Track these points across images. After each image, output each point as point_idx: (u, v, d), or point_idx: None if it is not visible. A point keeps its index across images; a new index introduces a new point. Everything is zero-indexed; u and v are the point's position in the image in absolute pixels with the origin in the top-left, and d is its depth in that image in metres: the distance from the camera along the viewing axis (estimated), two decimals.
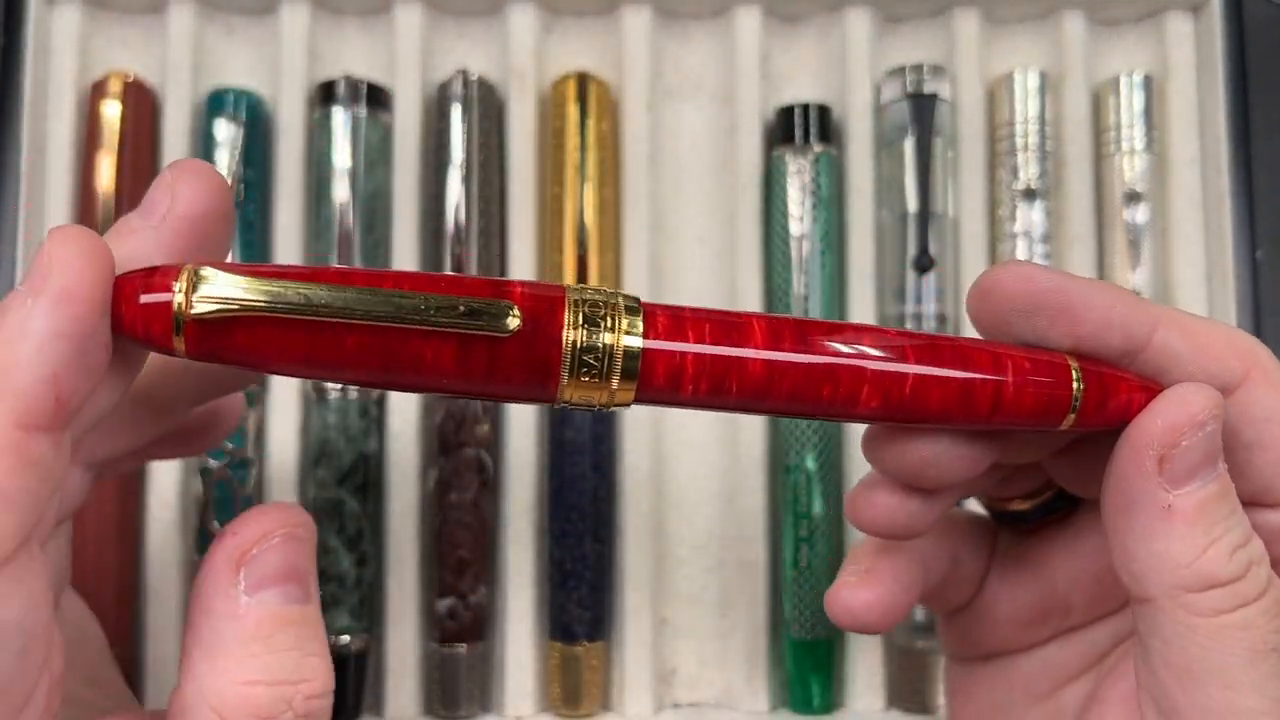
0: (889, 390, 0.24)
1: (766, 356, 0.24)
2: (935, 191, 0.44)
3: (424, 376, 0.23)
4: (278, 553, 0.23)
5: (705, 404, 0.24)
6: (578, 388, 0.23)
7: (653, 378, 0.23)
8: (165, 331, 0.21)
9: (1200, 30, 0.46)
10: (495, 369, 0.23)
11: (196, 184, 0.23)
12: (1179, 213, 0.45)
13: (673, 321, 0.24)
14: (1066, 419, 0.25)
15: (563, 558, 0.43)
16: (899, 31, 0.47)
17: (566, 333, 0.23)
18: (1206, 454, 0.24)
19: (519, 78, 0.45)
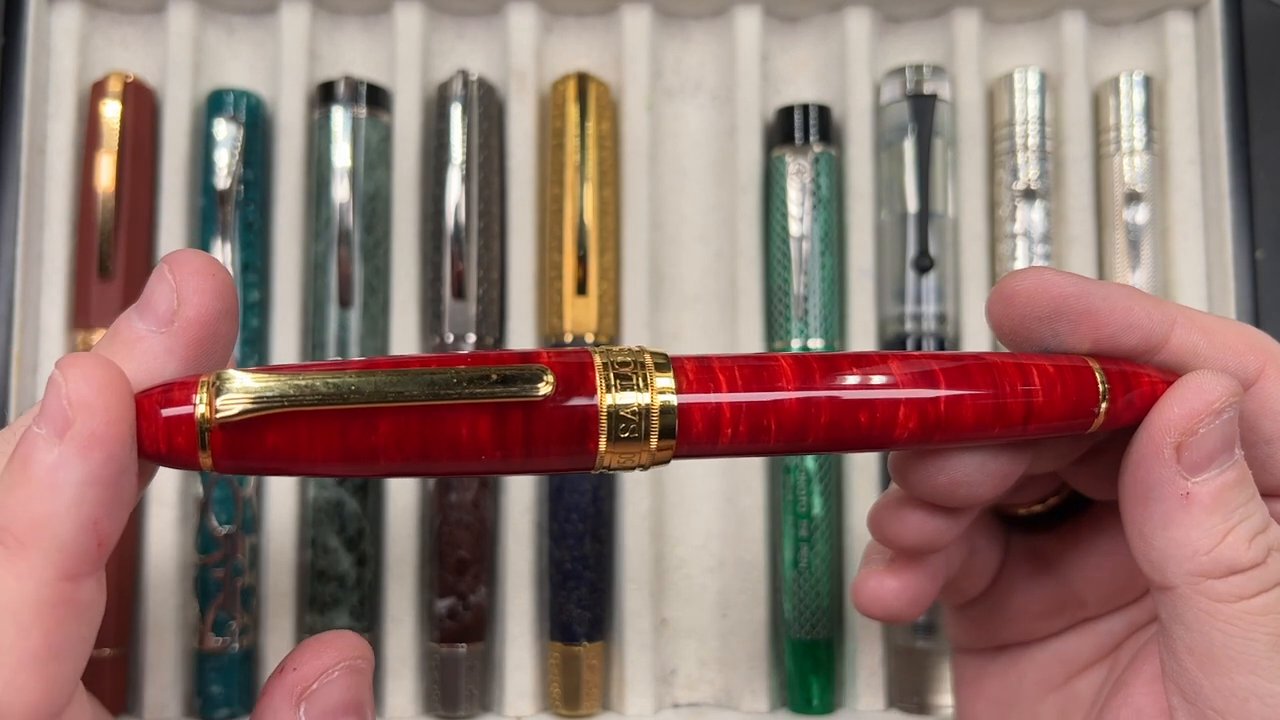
0: (925, 410, 0.24)
1: (800, 396, 0.23)
2: (935, 192, 0.44)
3: (463, 455, 0.22)
4: (338, 687, 0.23)
5: (746, 450, 0.24)
6: (617, 451, 0.23)
7: (691, 431, 0.23)
8: (191, 450, 0.21)
9: (1200, 30, 0.46)
10: (533, 438, 0.22)
11: (204, 286, 0.22)
12: (1179, 213, 0.45)
13: (703, 372, 0.23)
14: (1096, 420, 0.25)
15: (562, 558, 0.43)
16: (899, 32, 0.47)
17: (601, 396, 0.22)
18: (1224, 440, 0.24)
19: (519, 78, 0.45)
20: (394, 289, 0.43)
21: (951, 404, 0.24)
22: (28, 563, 0.19)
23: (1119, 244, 0.45)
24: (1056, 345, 0.26)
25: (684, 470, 0.45)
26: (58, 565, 0.19)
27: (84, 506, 0.19)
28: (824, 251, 0.44)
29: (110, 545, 0.20)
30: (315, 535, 0.42)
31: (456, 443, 0.22)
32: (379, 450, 0.21)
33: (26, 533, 0.19)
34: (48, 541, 0.19)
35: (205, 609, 0.42)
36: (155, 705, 0.41)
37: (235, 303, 0.23)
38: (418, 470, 0.22)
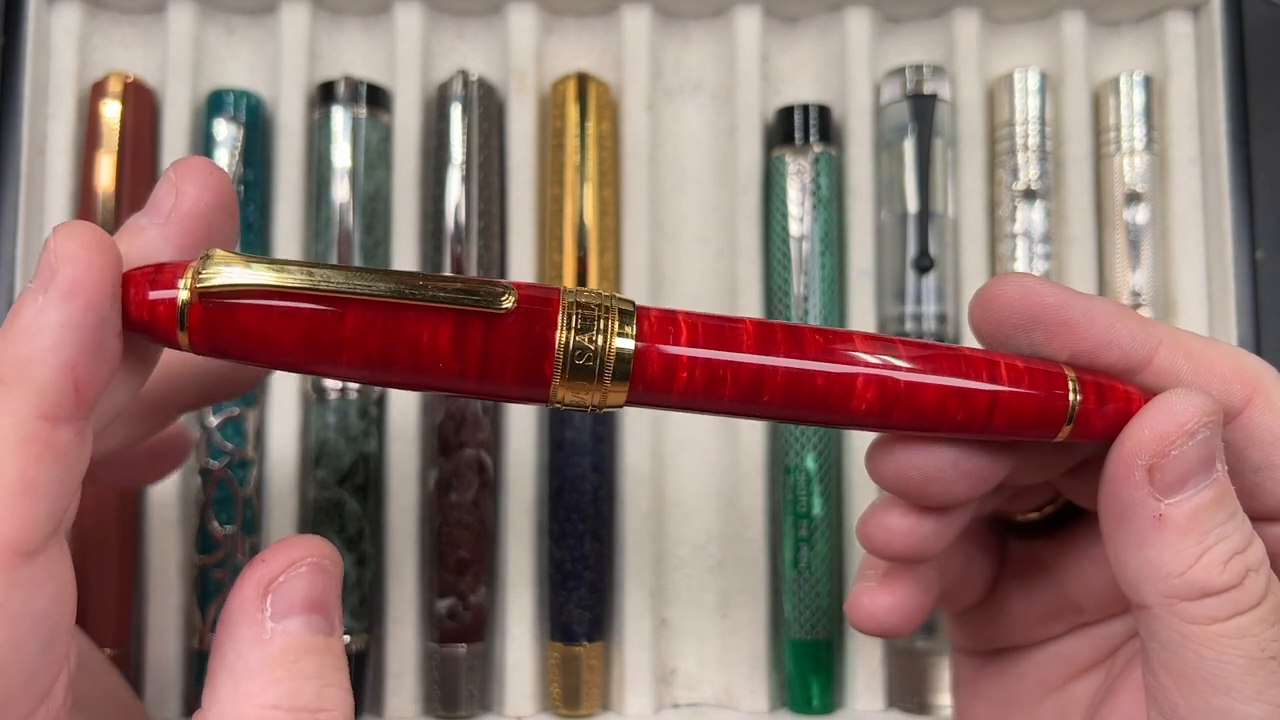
0: (884, 384, 0.24)
1: (759, 361, 0.24)
2: (935, 192, 0.44)
3: (422, 362, 0.23)
4: (305, 581, 0.24)
5: (699, 406, 0.24)
6: (571, 388, 0.23)
7: (645, 375, 0.23)
8: (171, 324, 0.22)
9: (1200, 30, 0.46)
10: (490, 354, 0.23)
11: (200, 180, 0.24)
12: (1179, 213, 0.45)
13: (665, 323, 0.24)
14: (1062, 429, 0.25)
15: (563, 558, 0.43)
16: (899, 32, 0.47)
17: (559, 333, 0.23)
18: (1199, 462, 0.24)
19: (519, 78, 0.45)
20: None
21: (914, 383, 0.24)
22: (6, 400, 0.20)
23: (1119, 244, 0.45)
24: (1033, 354, 0.26)
25: (684, 470, 0.45)
26: (35, 405, 0.20)
27: (62, 350, 0.21)
28: (824, 252, 0.44)
29: (89, 398, 0.21)
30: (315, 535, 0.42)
31: (417, 346, 0.22)
32: (343, 343, 0.22)
33: (7, 373, 0.21)
34: (27, 382, 0.20)
35: (205, 609, 0.42)
36: (155, 705, 0.41)
37: (233, 201, 0.25)
38: (377, 372, 0.23)
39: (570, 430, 0.43)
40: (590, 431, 0.43)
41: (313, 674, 0.23)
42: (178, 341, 0.22)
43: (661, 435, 0.45)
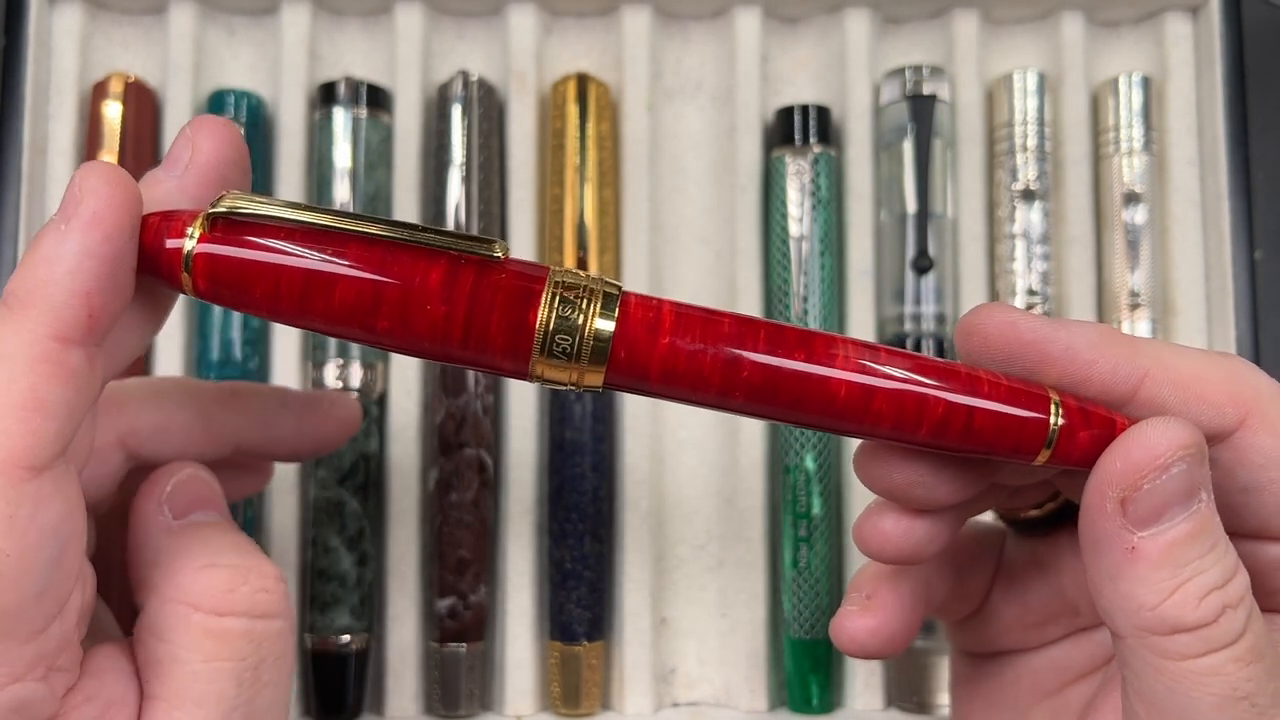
0: (863, 387, 0.24)
1: (737, 353, 0.24)
2: (934, 192, 0.44)
3: (411, 301, 0.23)
4: (189, 486, 0.26)
5: (676, 393, 0.24)
6: (549, 365, 0.24)
7: (621, 362, 0.24)
8: (177, 266, 0.23)
9: (1199, 31, 0.46)
10: (478, 301, 0.23)
11: (215, 135, 0.25)
12: (1178, 213, 0.45)
13: (646, 309, 0.24)
14: (1041, 453, 0.25)
15: (562, 557, 0.43)
16: (898, 33, 0.47)
17: (542, 309, 0.23)
18: (1175, 495, 0.23)
19: (519, 79, 0.45)
20: None
21: (892, 390, 0.24)
22: (23, 320, 0.22)
23: (1118, 244, 0.45)
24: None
25: (684, 470, 0.45)
26: (49, 325, 0.22)
27: (79, 276, 0.22)
28: (823, 252, 0.44)
29: (101, 325, 0.22)
30: (316, 535, 0.42)
31: (409, 285, 0.23)
32: (338, 280, 0.23)
33: (26, 295, 0.22)
34: (43, 303, 0.22)
35: None
36: None
37: (245, 156, 0.26)
38: (368, 313, 0.23)
39: (570, 430, 0.43)
40: (590, 431, 0.43)
41: (230, 546, 0.25)
42: (181, 283, 0.23)
43: (661, 435, 0.45)
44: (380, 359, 0.43)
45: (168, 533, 0.25)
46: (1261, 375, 0.26)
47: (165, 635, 0.23)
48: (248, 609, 0.24)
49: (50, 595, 0.22)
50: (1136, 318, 0.44)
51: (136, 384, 0.30)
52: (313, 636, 0.41)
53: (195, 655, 0.23)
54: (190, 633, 0.23)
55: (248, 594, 0.24)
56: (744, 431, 0.44)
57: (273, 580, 0.25)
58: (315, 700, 0.41)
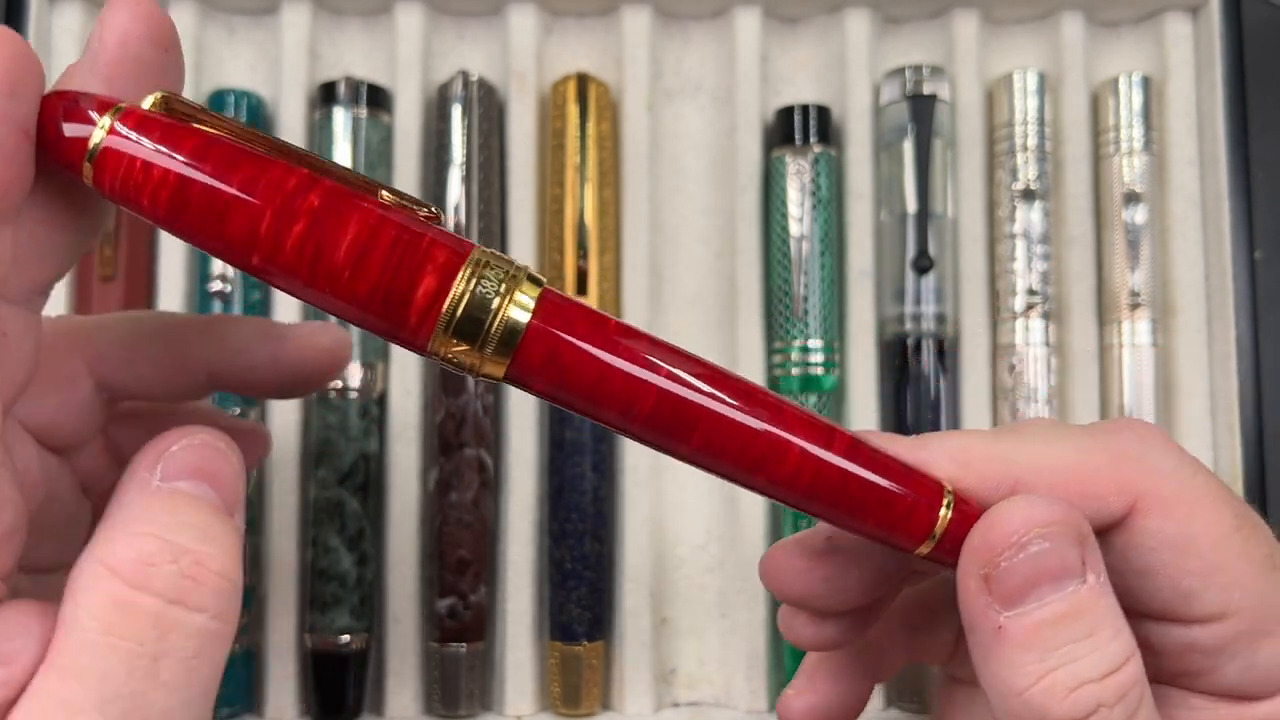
0: (739, 427, 0.23)
1: (634, 372, 0.22)
2: (934, 192, 0.44)
3: (325, 247, 0.21)
4: (195, 452, 0.23)
5: (569, 402, 0.23)
6: (449, 343, 0.22)
7: (525, 359, 0.22)
8: (81, 148, 0.22)
9: (1199, 31, 0.46)
10: (394, 261, 0.21)
11: (127, 10, 0.23)
12: (1177, 213, 0.45)
13: (567, 310, 0.22)
14: (924, 544, 0.23)
15: (563, 557, 0.43)
16: (898, 33, 0.47)
17: (457, 283, 0.22)
18: (1041, 573, 0.22)
19: (519, 79, 0.45)
20: None
21: (773, 436, 0.23)
22: None
23: (1118, 244, 0.45)
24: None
25: (684, 470, 0.45)
26: None
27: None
28: (823, 252, 0.44)
29: (8, 202, 0.21)
30: (316, 534, 0.42)
31: (327, 226, 0.21)
32: (241, 209, 0.21)
33: None
34: None
35: None
36: None
37: (169, 37, 0.24)
38: (280, 252, 0.21)
39: (570, 430, 0.43)
40: (590, 431, 0.43)
41: (193, 524, 0.21)
42: (81, 171, 0.22)
43: None
44: (380, 358, 0.43)
45: (142, 490, 0.22)
46: (1155, 449, 0.24)
47: (76, 594, 0.21)
48: (164, 590, 0.20)
49: None
50: (1137, 318, 0.44)
51: (107, 315, 0.29)
52: (313, 636, 0.41)
53: (94, 623, 0.20)
54: (97, 596, 0.20)
55: (171, 574, 0.21)
56: None
57: (211, 574, 0.21)
58: (315, 700, 0.41)
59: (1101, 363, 0.45)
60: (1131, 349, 0.44)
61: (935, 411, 0.44)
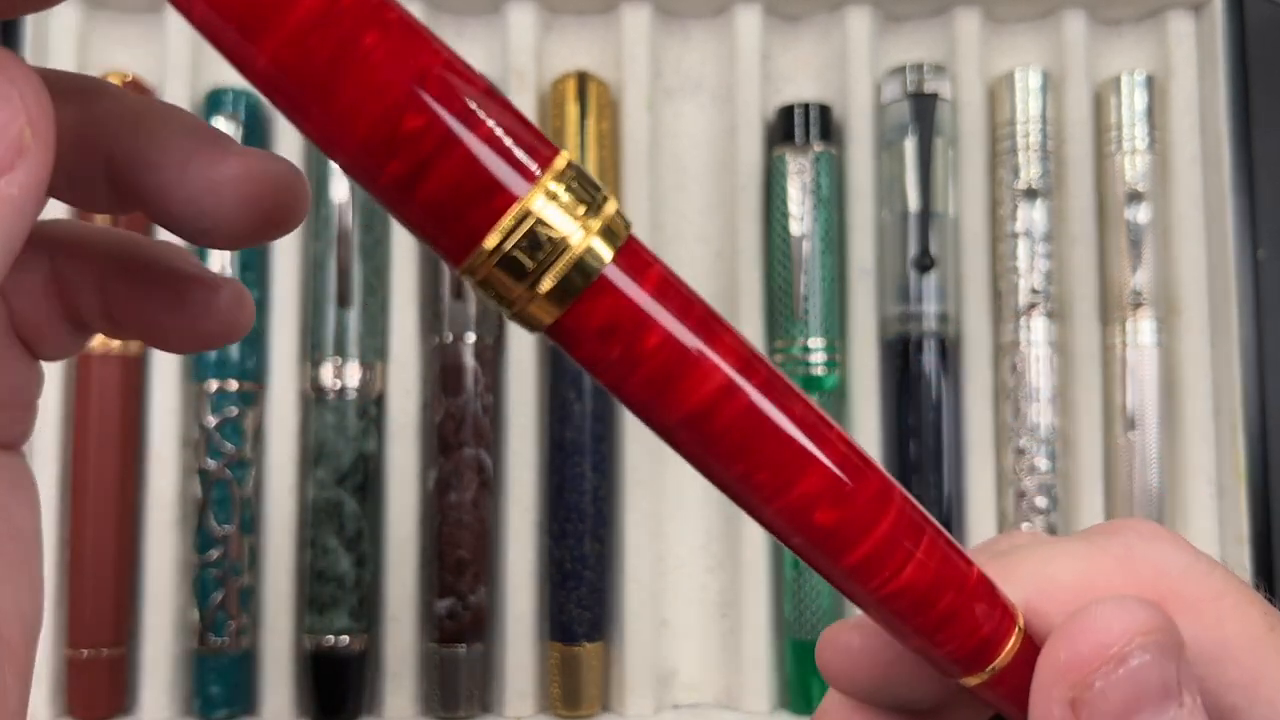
0: (837, 485, 0.18)
1: (729, 374, 0.18)
2: (936, 191, 0.44)
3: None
4: None
5: (617, 379, 0.18)
6: (495, 269, 0.17)
7: (589, 314, 0.17)
8: None
9: (1201, 29, 0.46)
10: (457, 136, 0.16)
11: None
12: (1180, 212, 0.45)
13: (653, 271, 0.18)
14: (978, 674, 0.20)
15: (562, 558, 0.43)
16: (900, 30, 0.47)
17: (532, 196, 0.16)
18: (1143, 694, 0.18)
19: (518, 77, 0.45)
20: (393, 288, 0.43)
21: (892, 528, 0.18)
22: None
23: (1120, 243, 0.45)
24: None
25: (684, 470, 0.44)
26: None
27: None
28: (824, 251, 0.44)
29: None
30: (314, 535, 0.42)
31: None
32: None
33: None
34: None
35: (204, 609, 0.41)
36: (153, 705, 0.41)
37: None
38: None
39: (570, 430, 0.43)
40: (590, 431, 0.43)
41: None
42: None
43: None
44: (378, 358, 0.43)
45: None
46: (1163, 546, 0.21)
47: None
48: None
49: None
50: (1139, 317, 0.44)
51: None
52: (311, 638, 0.41)
53: None
54: None
55: None
56: None
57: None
58: (314, 702, 0.41)
59: (1104, 362, 0.45)
60: (1134, 348, 0.44)
61: (937, 411, 0.44)
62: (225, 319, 0.22)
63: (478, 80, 0.17)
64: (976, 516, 0.44)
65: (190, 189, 0.20)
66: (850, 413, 0.44)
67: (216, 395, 0.42)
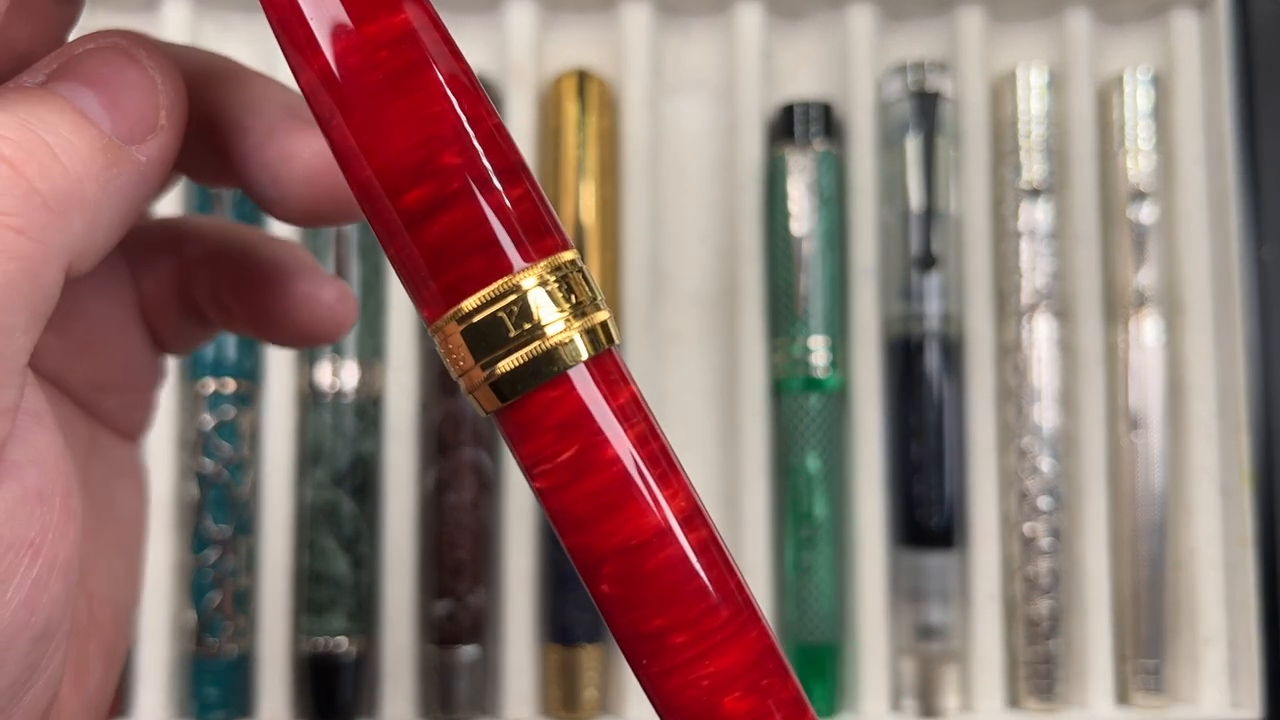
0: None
1: (661, 517, 0.17)
2: (938, 189, 0.44)
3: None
4: (91, 57, 0.19)
5: (561, 495, 0.17)
6: (455, 339, 0.16)
7: (551, 406, 0.16)
8: None
9: (1205, 27, 0.46)
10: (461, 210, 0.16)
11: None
12: (1185, 210, 0.45)
13: (627, 390, 0.17)
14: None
15: (561, 560, 0.42)
16: (902, 27, 0.47)
17: (522, 276, 0.16)
18: None
19: (518, 74, 0.44)
20: (391, 287, 0.43)
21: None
22: None
23: (1124, 242, 0.44)
24: None
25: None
26: None
27: None
28: (826, 250, 0.44)
29: None
30: (312, 537, 0.41)
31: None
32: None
33: None
34: None
35: (200, 611, 0.41)
36: (149, 708, 0.41)
37: None
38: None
39: None
40: None
41: (52, 114, 0.17)
42: None
43: None
44: (377, 358, 0.43)
45: (14, 86, 0.18)
46: None
47: None
48: None
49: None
50: (1144, 316, 0.44)
51: None
52: (308, 640, 0.41)
53: None
54: None
55: None
56: (746, 432, 0.43)
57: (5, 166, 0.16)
58: (311, 704, 0.41)
59: (1108, 362, 0.44)
60: (1138, 348, 0.44)
61: (940, 412, 0.43)
62: (327, 314, 0.24)
63: (518, 152, 0.17)
64: (979, 518, 0.43)
65: (268, 156, 0.21)
66: (852, 413, 0.44)
67: (213, 396, 0.42)
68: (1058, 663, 0.43)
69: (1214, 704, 0.43)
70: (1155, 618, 0.43)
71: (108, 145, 0.18)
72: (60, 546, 0.17)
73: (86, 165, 0.17)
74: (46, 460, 0.17)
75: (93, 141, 0.18)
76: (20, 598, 0.16)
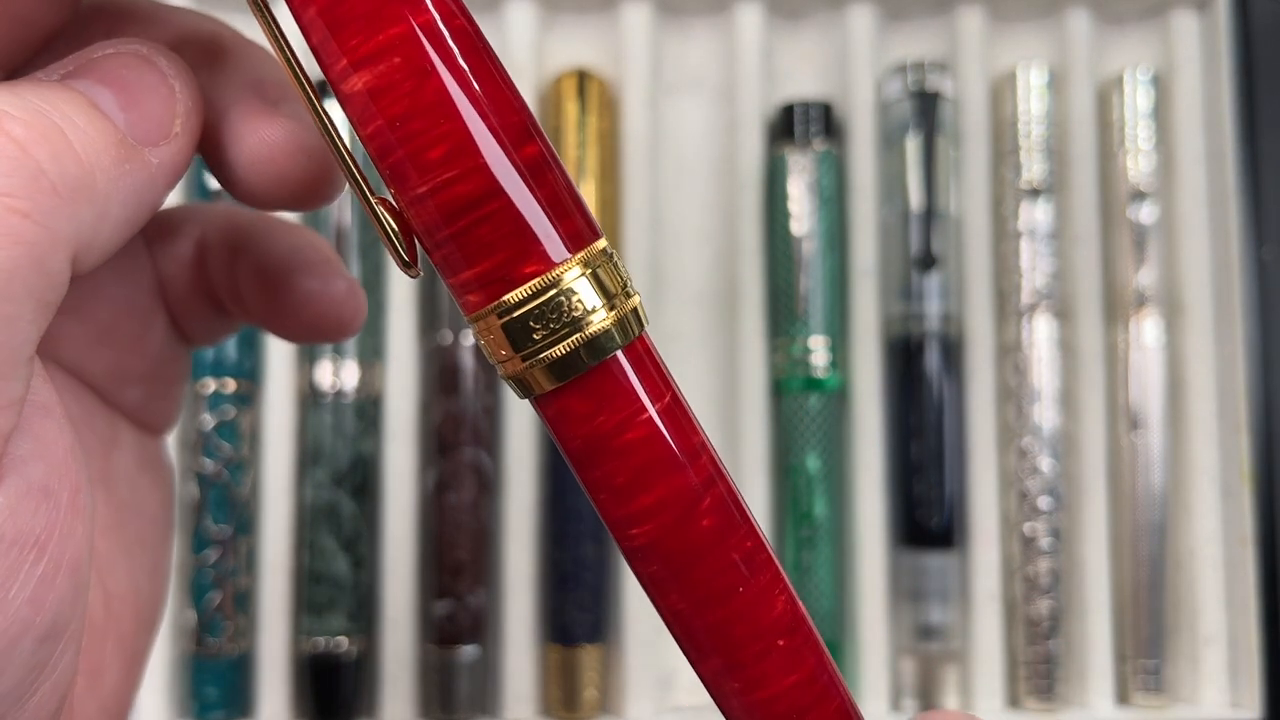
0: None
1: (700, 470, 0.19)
2: (938, 189, 0.44)
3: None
4: (111, 59, 0.18)
5: (587, 477, 0.18)
6: (497, 332, 0.17)
7: (591, 388, 0.17)
8: None
9: (1205, 27, 0.46)
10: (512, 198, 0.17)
11: None
12: (1185, 210, 0.45)
13: (654, 373, 0.18)
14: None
15: (562, 560, 0.42)
16: (902, 27, 0.47)
17: (562, 268, 0.17)
18: None
19: (517, 74, 0.44)
20: (391, 287, 0.43)
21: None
22: None
23: (1125, 242, 0.44)
24: None
25: None
26: None
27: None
28: (826, 250, 0.44)
29: None
30: (312, 537, 0.41)
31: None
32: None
33: None
34: None
35: (201, 611, 0.41)
36: (149, 708, 0.41)
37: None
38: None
39: None
40: None
41: (64, 103, 0.17)
42: None
43: None
44: (377, 358, 0.43)
45: (30, 79, 0.18)
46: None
47: None
48: None
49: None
50: (1144, 316, 0.44)
51: None
52: (308, 640, 0.41)
53: None
54: None
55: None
56: (746, 432, 0.43)
57: (10, 143, 0.16)
58: (311, 704, 0.41)
59: (1108, 362, 0.44)
60: (1138, 348, 0.44)
61: (940, 412, 0.43)
62: (335, 309, 0.24)
63: (550, 145, 0.18)
64: (979, 518, 0.43)
65: (227, 137, 0.21)
66: (852, 413, 0.44)
67: (213, 396, 0.42)
68: (1058, 663, 0.43)
69: (1214, 704, 0.43)
70: (1155, 618, 0.43)
71: (121, 141, 0.18)
72: (68, 544, 0.17)
73: (99, 156, 0.17)
74: (54, 455, 0.17)
75: (107, 134, 0.17)
76: (25, 596, 0.16)
